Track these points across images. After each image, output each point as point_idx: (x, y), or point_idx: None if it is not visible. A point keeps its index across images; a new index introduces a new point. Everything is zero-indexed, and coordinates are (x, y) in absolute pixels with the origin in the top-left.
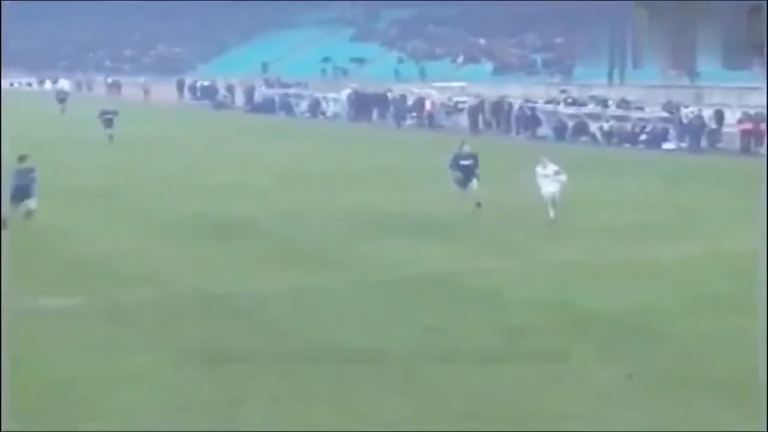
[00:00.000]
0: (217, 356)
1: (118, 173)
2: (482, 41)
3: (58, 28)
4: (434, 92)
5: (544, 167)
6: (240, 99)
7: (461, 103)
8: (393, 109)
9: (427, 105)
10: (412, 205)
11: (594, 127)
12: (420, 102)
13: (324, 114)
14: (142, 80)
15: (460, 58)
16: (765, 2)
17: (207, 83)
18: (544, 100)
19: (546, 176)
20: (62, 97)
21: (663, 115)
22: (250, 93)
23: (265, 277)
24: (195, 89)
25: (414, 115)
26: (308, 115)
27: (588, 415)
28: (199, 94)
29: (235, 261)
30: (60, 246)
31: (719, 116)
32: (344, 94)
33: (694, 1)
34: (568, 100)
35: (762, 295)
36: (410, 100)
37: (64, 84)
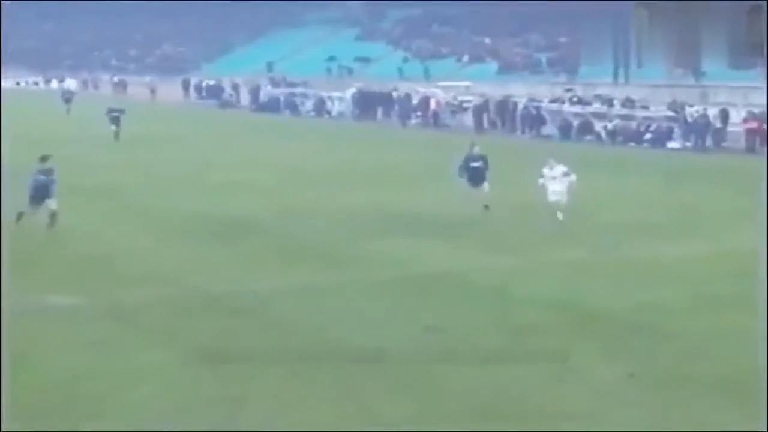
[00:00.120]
0: (220, 355)
1: (123, 172)
2: (487, 40)
3: (64, 27)
4: (439, 91)
5: (551, 168)
6: (245, 98)
7: (466, 102)
8: (398, 108)
9: (432, 104)
10: (416, 204)
11: (599, 126)
12: (425, 101)
13: (329, 113)
14: (147, 79)
15: (465, 58)
16: (765, 2)
17: (212, 82)
18: (549, 100)
19: (554, 178)
20: (68, 97)
21: (668, 114)
22: (255, 92)
23: (270, 275)
24: (200, 88)
25: (419, 114)
26: (313, 114)
27: (591, 414)
28: (205, 93)
29: (239, 260)
30: (64, 244)
31: (724, 115)
32: (349, 93)
33: (694, 1)
34: (573, 99)
35: (762, 295)
36: (415, 100)
37: (71, 83)
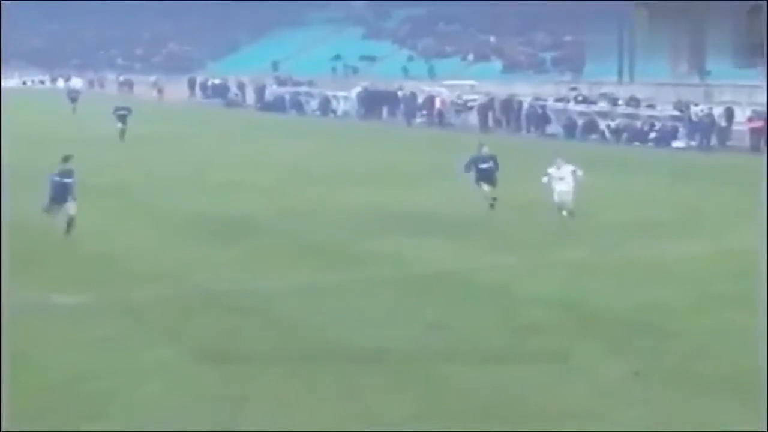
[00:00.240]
0: (223, 354)
1: (129, 171)
2: (492, 39)
3: (70, 26)
4: (444, 90)
5: (558, 168)
6: (251, 97)
7: (471, 101)
8: (403, 107)
9: (437, 103)
10: (420, 204)
11: (603, 125)
12: (430, 100)
13: (334, 112)
14: (153, 79)
15: (470, 57)
16: (765, 2)
17: (218, 82)
18: (554, 98)
19: (561, 178)
20: (74, 96)
21: (673, 113)
22: (260, 91)
23: (274, 274)
24: (206, 87)
25: (424, 113)
26: (318, 113)
27: (595, 413)
28: (210, 92)
29: (243, 259)
30: (70, 242)
31: (729, 114)
32: (354, 92)
33: (694, 1)
34: (578, 98)
35: (762, 294)
36: (420, 99)
37: (77, 82)
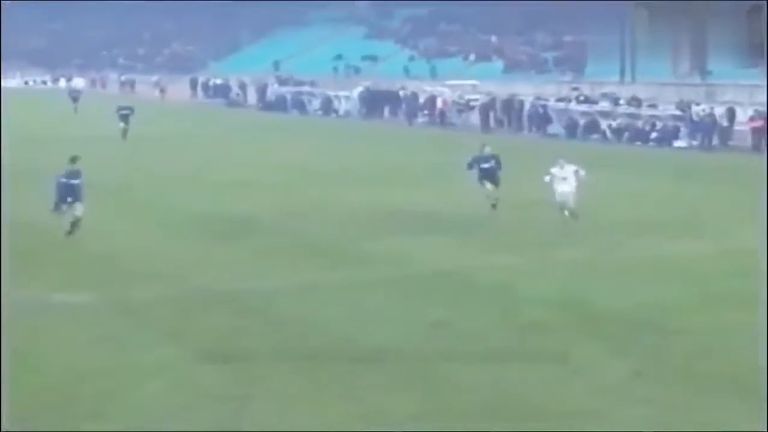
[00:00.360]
0: (227, 353)
1: (131, 170)
2: (494, 39)
3: (72, 26)
4: (446, 90)
5: (561, 168)
6: (252, 97)
7: (473, 101)
8: (405, 107)
9: (439, 103)
10: (422, 203)
11: (604, 125)
12: (431, 100)
13: (336, 112)
14: (155, 78)
15: (472, 57)
16: (765, 2)
17: (220, 81)
18: (556, 98)
19: (564, 178)
20: (75, 96)
21: (674, 112)
22: (262, 91)
23: (277, 274)
24: (208, 87)
25: (425, 113)
26: (320, 113)
27: (597, 412)
28: (212, 92)
29: (246, 258)
30: (71, 242)
31: (731, 114)
32: (356, 92)
33: (695, 1)
34: (579, 98)
35: (763, 293)
36: (422, 98)
37: (78, 82)
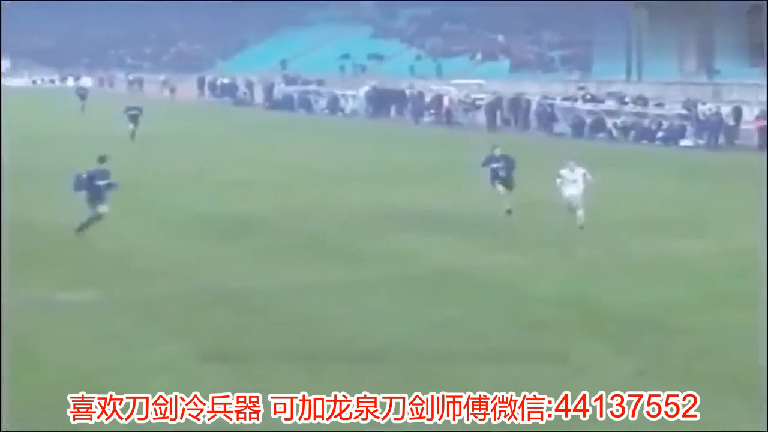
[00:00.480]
0: (231, 351)
1: (136, 170)
2: (500, 38)
3: (79, 26)
4: (452, 89)
5: (571, 171)
6: (259, 96)
7: (479, 100)
8: (411, 106)
9: (445, 102)
10: (429, 202)
11: (610, 124)
12: (438, 99)
13: (342, 111)
14: (162, 78)
15: (478, 56)
16: (765, 2)
17: (227, 81)
18: (562, 97)
19: (574, 181)
20: (82, 93)
21: (680, 111)
22: (269, 90)
23: (282, 272)
24: (215, 86)
25: (432, 112)
26: (327, 112)
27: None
28: (219, 91)
29: (252, 257)
30: (77, 240)
31: (737, 113)
32: (363, 91)
33: (695, 1)
34: (586, 96)
35: (763, 293)
36: (428, 97)
37: (86, 81)
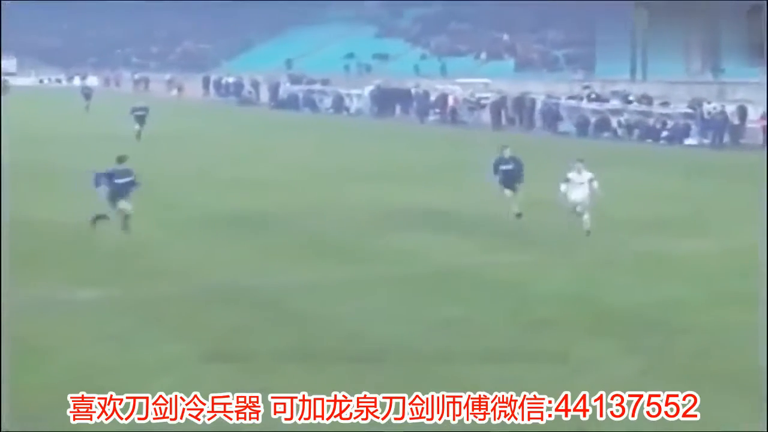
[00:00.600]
0: (236, 350)
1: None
2: (505, 38)
3: (85, 25)
4: (457, 88)
5: (579, 173)
6: (265, 95)
7: (484, 99)
8: (416, 105)
9: (450, 101)
10: (434, 201)
11: (615, 123)
12: (443, 98)
13: (347, 110)
14: (168, 77)
15: (483, 55)
16: (765, 2)
17: (233, 80)
18: (567, 96)
19: (581, 184)
20: (87, 92)
21: (685, 110)
22: (274, 89)
23: (289, 270)
24: (220, 86)
25: (437, 111)
26: (332, 111)
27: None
28: (225, 90)
29: (259, 254)
30: (83, 239)
31: (742, 112)
32: (367, 90)
33: (695, 1)
34: (590, 96)
35: (763, 292)
36: (433, 97)
37: (91, 81)
